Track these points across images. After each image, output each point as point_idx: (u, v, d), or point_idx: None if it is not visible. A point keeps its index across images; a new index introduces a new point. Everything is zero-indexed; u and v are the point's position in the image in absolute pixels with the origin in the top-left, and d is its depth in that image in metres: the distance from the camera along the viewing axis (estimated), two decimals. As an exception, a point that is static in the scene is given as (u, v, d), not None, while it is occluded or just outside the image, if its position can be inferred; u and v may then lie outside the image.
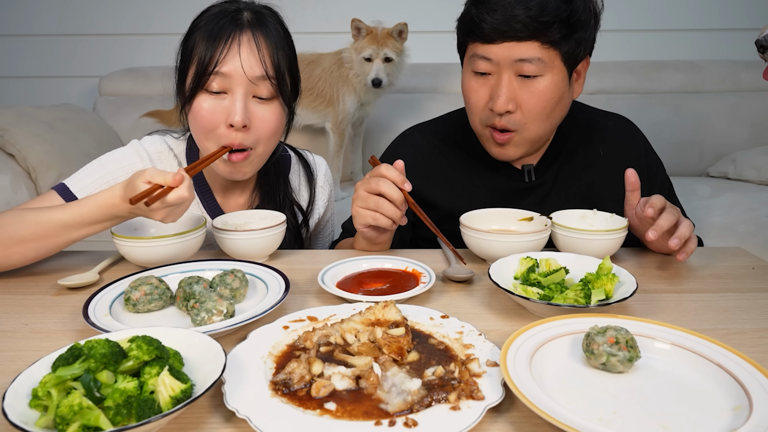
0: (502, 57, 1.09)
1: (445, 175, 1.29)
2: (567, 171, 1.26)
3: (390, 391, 0.62)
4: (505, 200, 1.23)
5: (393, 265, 1.03)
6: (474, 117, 1.19)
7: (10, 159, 2.32)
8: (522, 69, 1.09)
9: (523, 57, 1.08)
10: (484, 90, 1.14)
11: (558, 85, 1.12)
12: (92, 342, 0.61)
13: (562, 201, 1.24)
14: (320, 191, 1.37)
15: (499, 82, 1.11)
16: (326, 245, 1.48)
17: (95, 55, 3.21)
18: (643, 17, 3.06)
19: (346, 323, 0.75)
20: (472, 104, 1.17)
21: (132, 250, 1.02)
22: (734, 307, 0.89)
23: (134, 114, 2.84)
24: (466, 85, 1.18)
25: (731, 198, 2.23)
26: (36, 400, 0.57)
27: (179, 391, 0.57)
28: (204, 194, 1.24)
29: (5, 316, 0.87)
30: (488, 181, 1.27)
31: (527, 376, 0.62)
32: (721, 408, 0.60)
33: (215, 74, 1.05)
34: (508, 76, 1.10)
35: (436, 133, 1.34)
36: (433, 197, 1.27)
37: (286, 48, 1.12)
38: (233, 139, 1.08)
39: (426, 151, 1.31)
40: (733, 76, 2.81)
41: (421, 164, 1.29)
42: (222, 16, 1.08)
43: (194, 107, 1.09)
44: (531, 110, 1.12)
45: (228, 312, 0.79)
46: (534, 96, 1.11)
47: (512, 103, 1.11)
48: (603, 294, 0.82)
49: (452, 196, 1.27)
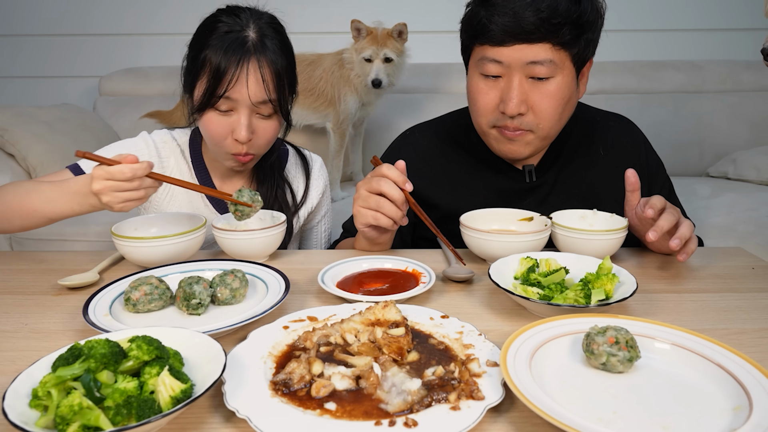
0: (513, 59, 1.08)
1: (445, 175, 1.28)
2: (568, 171, 1.26)
3: (390, 391, 0.62)
4: (506, 200, 1.23)
5: (393, 265, 1.03)
6: (481, 119, 1.17)
7: (10, 159, 2.32)
8: (534, 71, 1.08)
9: (534, 59, 1.07)
10: (493, 92, 1.13)
11: (568, 85, 1.11)
12: (92, 342, 0.61)
13: (562, 201, 1.24)
14: (314, 182, 1.42)
15: (510, 84, 1.10)
16: (321, 244, 1.48)
17: (95, 55, 3.20)
18: (643, 17, 3.06)
19: (346, 323, 0.75)
20: (480, 107, 1.16)
21: (132, 250, 1.02)
22: (734, 307, 0.89)
23: (134, 114, 2.84)
24: (474, 88, 1.16)
25: (731, 198, 2.23)
26: (36, 400, 0.57)
27: (179, 391, 0.57)
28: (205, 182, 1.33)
29: (5, 316, 0.87)
30: (489, 181, 1.27)
31: (527, 376, 0.62)
32: (721, 408, 0.60)
33: (225, 98, 1.15)
34: (519, 79, 1.09)
35: (437, 133, 1.34)
36: (433, 197, 1.27)
37: (285, 62, 1.20)
38: (240, 149, 1.20)
39: (427, 151, 1.31)
40: (733, 76, 2.81)
41: (422, 164, 1.29)
42: (231, 41, 1.15)
43: (204, 120, 1.20)
44: (543, 111, 1.11)
45: None
46: (546, 97, 1.10)
47: (524, 105, 1.10)
48: (603, 294, 0.82)
49: (453, 195, 1.26)
